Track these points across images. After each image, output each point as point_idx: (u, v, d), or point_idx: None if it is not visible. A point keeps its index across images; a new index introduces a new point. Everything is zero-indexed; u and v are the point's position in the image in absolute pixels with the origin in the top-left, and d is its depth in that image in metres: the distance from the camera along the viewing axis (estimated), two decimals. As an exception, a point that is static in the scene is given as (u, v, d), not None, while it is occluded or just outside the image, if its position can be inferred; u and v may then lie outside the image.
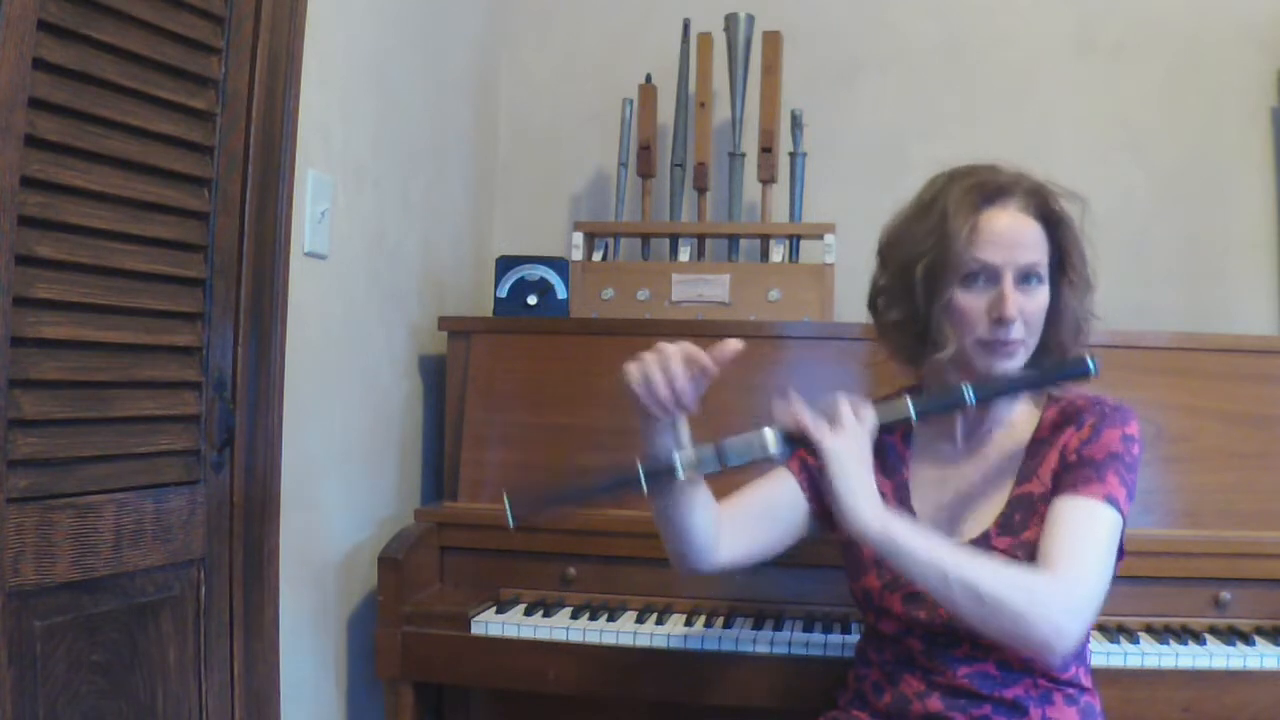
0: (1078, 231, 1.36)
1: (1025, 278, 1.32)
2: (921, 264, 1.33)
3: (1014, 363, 1.33)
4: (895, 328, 1.38)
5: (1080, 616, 1.22)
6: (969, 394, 1.30)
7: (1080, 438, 1.32)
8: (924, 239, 1.34)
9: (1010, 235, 1.32)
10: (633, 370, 1.25)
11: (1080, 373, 1.33)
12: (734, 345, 1.22)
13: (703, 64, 2.41)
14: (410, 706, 1.78)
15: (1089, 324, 1.39)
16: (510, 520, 1.25)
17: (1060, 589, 1.22)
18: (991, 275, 1.31)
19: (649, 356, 1.25)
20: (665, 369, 1.23)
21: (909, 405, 1.31)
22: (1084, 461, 1.30)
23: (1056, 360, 1.35)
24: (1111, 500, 1.28)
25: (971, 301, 1.32)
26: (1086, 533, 1.27)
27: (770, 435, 1.28)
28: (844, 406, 1.28)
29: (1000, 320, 1.30)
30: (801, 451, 1.49)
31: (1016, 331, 1.31)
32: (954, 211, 1.32)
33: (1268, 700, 1.59)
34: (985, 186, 1.34)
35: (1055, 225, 1.35)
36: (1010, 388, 1.35)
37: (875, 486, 1.27)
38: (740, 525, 1.42)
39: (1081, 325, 1.38)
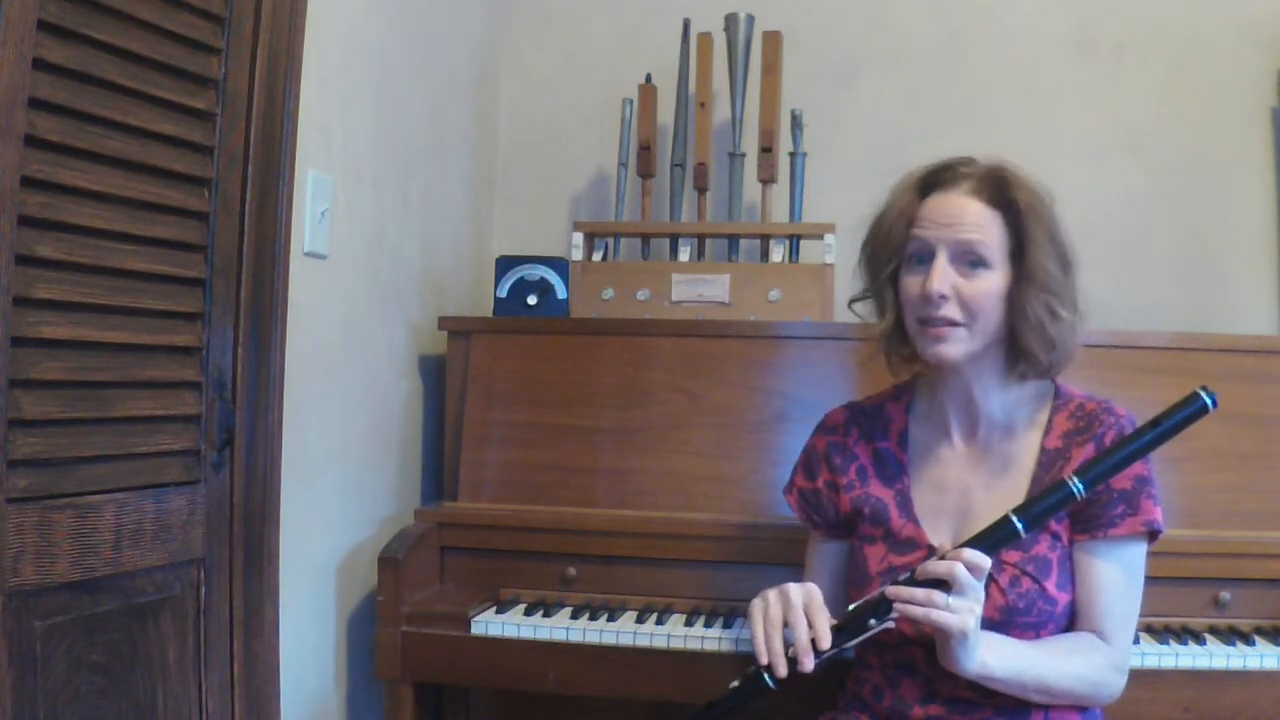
0: (1050, 224, 1.31)
1: (968, 261, 1.29)
2: (865, 250, 1.39)
3: (947, 346, 1.29)
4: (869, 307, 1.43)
5: (1126, 671, 1.31)
6: (1076, 485, 1.23)
7: None
8: (873, 229, 1.39)
9: (946, 214, 1.31)
10: (755, 613, 1.26)
11: (1195, 411, 1.22)
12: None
13: (703, 64, 2.41)
14: (410, 706, 1.78)
15: (1062, 329, 1.30)
16: None
17: (1116, 665, 1.29)
18: (929, 254, 1.32)
19: (774, 601, 1.26)
20: (788, 622, 1.24)
21: (1013, 521, 1.23)
22: (1114, 494, 1.30)
23: (1166, 410, 1.24)
24: (1150, 525, 1.31)
25: (911, 281, 1.33)
26: (1130, 586, 1.32)
27: (888, 624, 1.26)
28: (961, 573, 1.19)
29: (925, 296, 1.29)
30: (798, 479, 1.50)
31: (947, 310, 1.28)
32: (897, 196, 1.36)
33: (1268, 700, 1.59)
34: (931, 174, 1.36)
35: (1015, 212, 1.30)
36: (1119, 461, 1.24)
37: (980, 634, 1.23)
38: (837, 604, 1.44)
39: (1046, 327, 1.29)
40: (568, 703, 1.90)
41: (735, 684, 1.29)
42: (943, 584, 1.20)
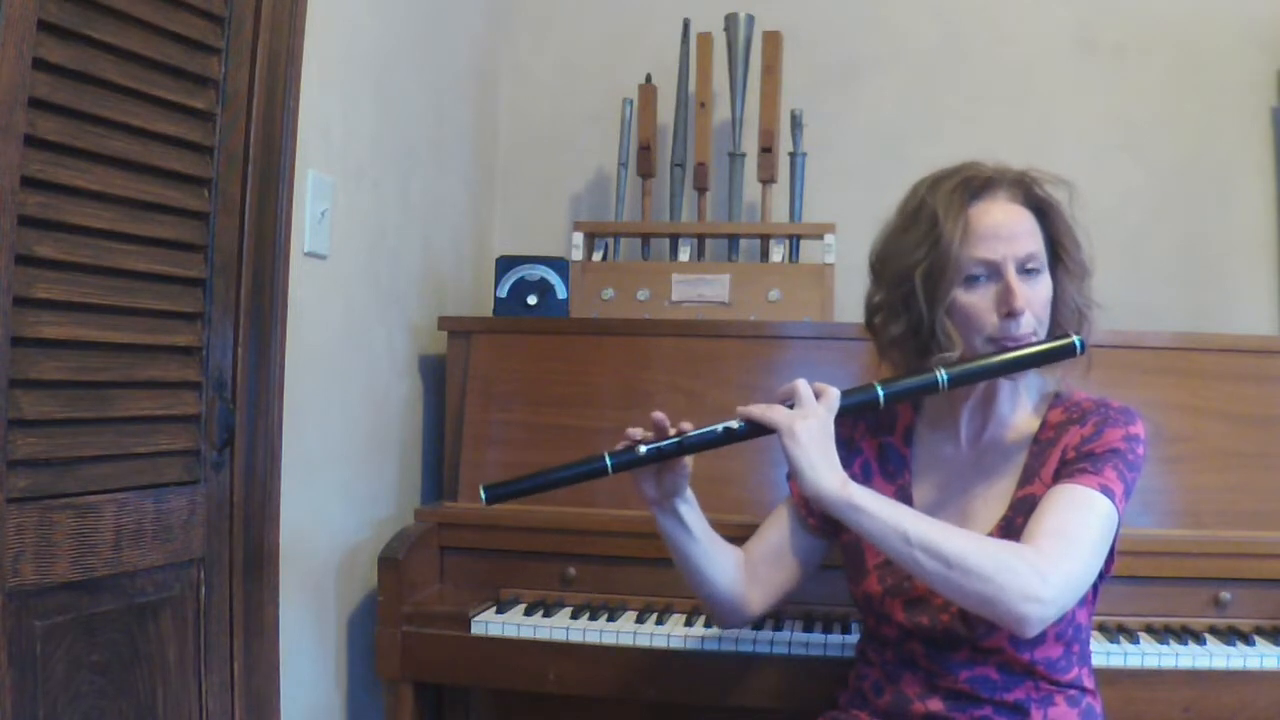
0: (1067, 217, 1.36)
1: (1026, 269, 1.31)
2: (919, 270, 1.31)
3: None
4: (898, 343, 1.36)
5: (1053, 587, 1.19)
6: (942, 376, 1.28)
7: (1083, 435, 1.31)
8: (918, 246, 1.32)
9: (1005, 228, 1.31)
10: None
11: (1065, 351, 1.29)
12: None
13: (703, 64, 2.41)
14: (410, 706, 1.78)
15: (1091, 312, 1.36)
16: (484, 498, 1.35)
17: (1034, 559, 1.20)
18: (993, 271, 1.30)
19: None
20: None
21: (876, 388, 1.30)
22: (1083, 456, 1.29)
23: (1037, 340, 1.31)
24: (1106, 490, 1.26)
25: (976, 300, 1.30)
26: (1073, 515, 1.25)
27: (730, 423, 1.32)
28: (802, 387, 1.29)
29: (1010, 314, 1.28)
30: None
31: (1027, 324, 1.29)
32: (944, 213, 1.30)
33: (1268, 700, 1.59)
34: (971, 182, 1.33)
35: (1044, 213, 1.35)
36: (989, 370, 1.30)
37: (836, 457, 1.27)
38: (762, 573, 1.45)
39: (1084, 313, 1.35)
40: (568, 703, 1.90)
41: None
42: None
